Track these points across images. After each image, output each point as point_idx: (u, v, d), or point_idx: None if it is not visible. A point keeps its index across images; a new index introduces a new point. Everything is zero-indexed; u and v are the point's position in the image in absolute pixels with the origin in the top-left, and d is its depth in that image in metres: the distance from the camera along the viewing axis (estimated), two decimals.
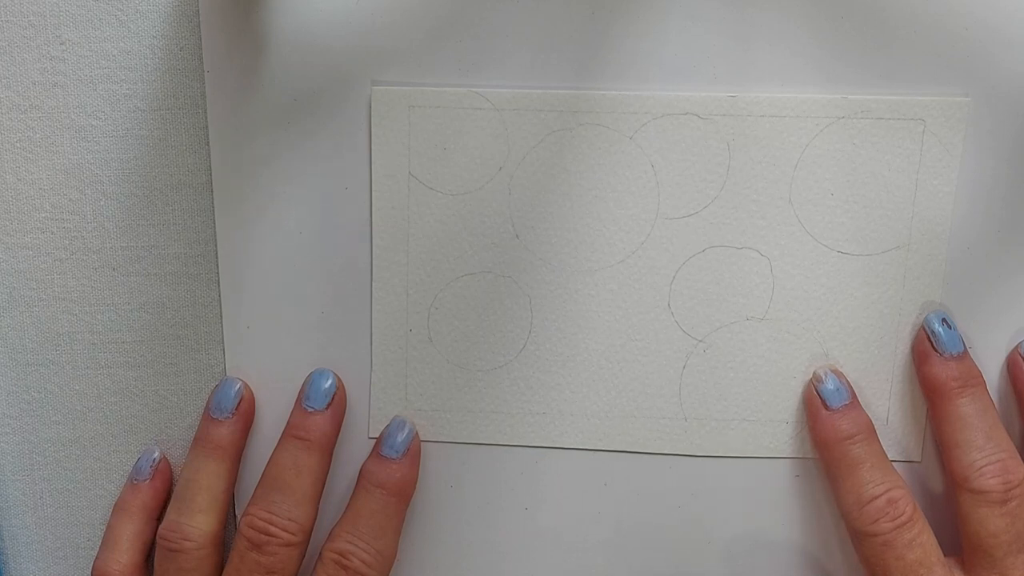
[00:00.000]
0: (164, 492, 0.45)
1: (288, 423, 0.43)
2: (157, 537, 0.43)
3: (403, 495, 0.43)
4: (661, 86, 0.41)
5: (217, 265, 0.43)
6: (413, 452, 0.43)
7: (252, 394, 0.44)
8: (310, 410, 0.43)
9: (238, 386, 0.43)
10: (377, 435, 0.44)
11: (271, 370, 0.44)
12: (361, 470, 0.43)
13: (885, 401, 0.43)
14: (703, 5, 0.40)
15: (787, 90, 0.41)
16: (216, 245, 0.43)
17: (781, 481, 0.44)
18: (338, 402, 0.43)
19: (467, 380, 0.44)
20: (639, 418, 0.44)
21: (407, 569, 0.45)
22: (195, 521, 0.42)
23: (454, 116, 0.41)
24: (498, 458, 0.44)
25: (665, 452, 0.44)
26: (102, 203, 0.43)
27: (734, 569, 0.45)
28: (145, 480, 0.44)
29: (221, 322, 0.44)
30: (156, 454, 0.45)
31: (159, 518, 0.44)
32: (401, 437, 0.43)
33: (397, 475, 0.42)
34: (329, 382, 0.43)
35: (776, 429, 0.43)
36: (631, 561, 0.45)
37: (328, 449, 0.43)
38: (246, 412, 0.44)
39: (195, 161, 0.43)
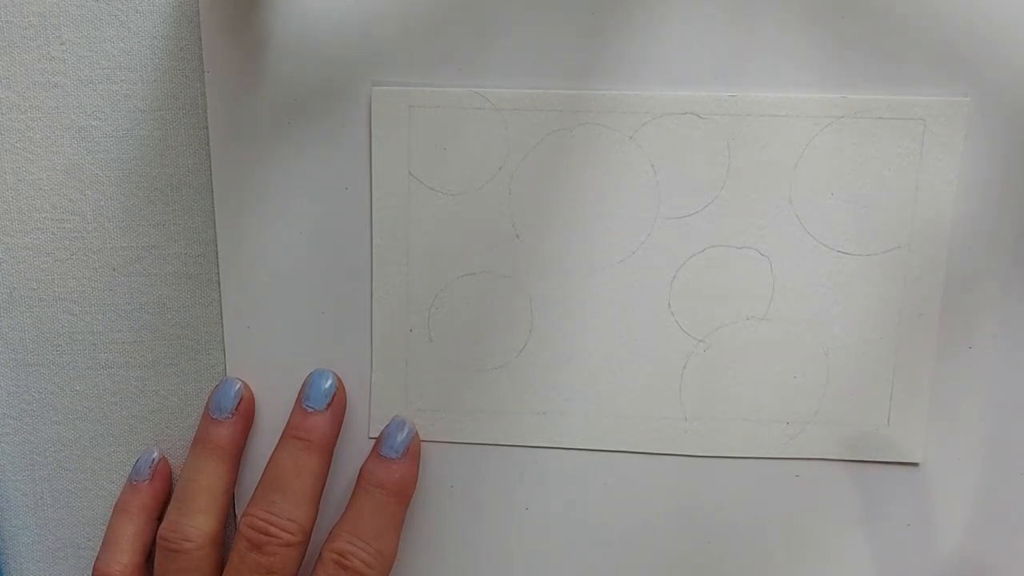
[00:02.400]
0: (164, 492, 0.44)
1: (288, 423, 0.43)
2: (157, 537, 0.42)
3: (403, 495, 0.42)
4: (661, 86, 0.41)
5: (217, 265, 0.43)
6: (413, 452, 0.43)
7: (252, 394, 0.44)
8: (310, 410, 0.43)
9: (238, 386, 0.43)
10: (377, 435, 0.44)
11: (271, 370, 0.44)
12: (361, 470, 0.43)
13: (886, 402, 0.43)
14: (703, 5, 0.40)
15: (787, 90, 0.40)
16: (216, 245, 0.43)
17: (781, 481, 0.44)
18: (338, 402, 0.43)
19: (467, 380, 0.43)
20: (639, 418, 0.43)
21: (407, 569, 0.45)
22: (195, 521, 0.42)
23: (454, 116, 0.41)
24: (498, 458, 0.44)
25: (665, 452, 0.44)
26: (102, 203, 0.43)
27: (734, 569, 0.44)
28: (144, 480, 0.44)
29: (221, 322, 0.44)
30: (155, 455, 0.45)
31: (159, 518, 0.44)
32: (401, 437, 0.43)
33: (397, 475, 0.42)
34: (329, 382, 0.43)
35: (776, 429, 0.43)
36: (631, 561, 0.45)
37: (328, 449, 0.43)
38: (246, 412, 0.43)
39: (195, 161, 0.42)
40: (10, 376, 0.45)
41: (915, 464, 0.43)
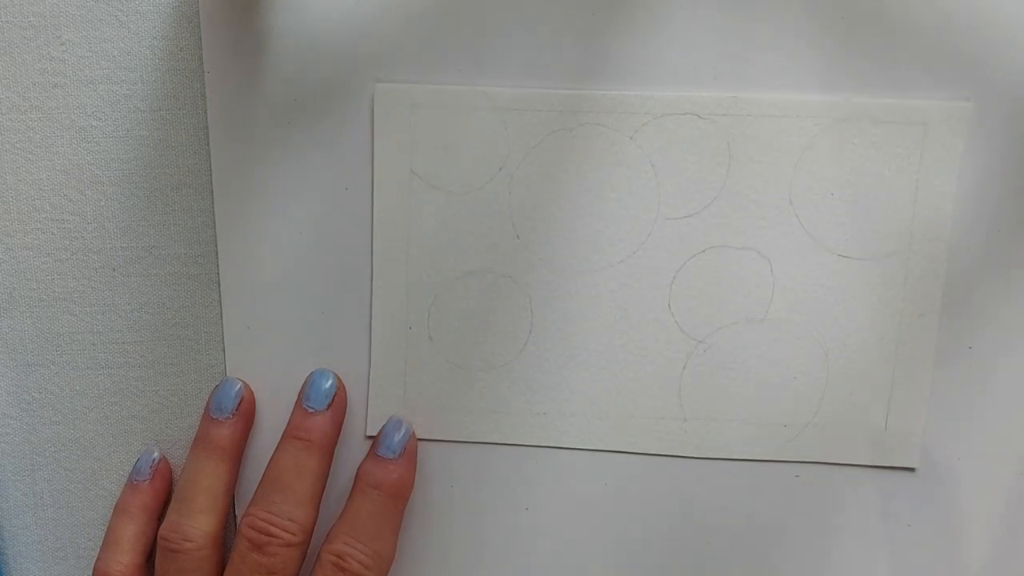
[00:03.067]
0: (164, 492, 0.44)
1: (288, 423, 0.43)
2: (158, 538, 0.42)
3: (400, 496, 0.42)
4: (662, 86, 0.41)
5: (217, 265, 0.43)
6: (410, 452, 0.43)
7: (252, 394, 0.44)
8: (311, 410, 0.42)
9: (238, 386, 0.43)
10: (376, 434, 0.43)
11: (271, 370, 0.43)
12: (358, 471, 0.42)
13: (884, 406, 0.42)
14: (704, 5, 0.40)
15: (788, 91, 0.40)
16: (216, 245, 0.43)
17: (780, 482, 0.43)
18: (339, 402, 0.43)
19: (467, 379, 0.43)
20: (639, 418, 0.43)
21: (407, 569, 0.45)
22: (196, 522, 0.41)
23: (456, 115, 0.41)
24: (498, 458, 0.44)
25: (664, 453, 0.43)
26: (102, 203, 0.43)
27: (733, 570, 0.44)
28: (145, 480, 0.44)
29: (221, 322, 0.44)
30: (155, 454, 0.44)
31: (160, 518, 0.44)
32: (398, 437, 0.43)
33: (394, 476, 0.42)
34: (329, 382, 0.43)
35: (775, 431, 0.43)
36: (631, 561, 0.44)
37: (329, 450, 0.42)
38: (246, 412, 0.43)
39: (195, 161, 0.42)
40: (10, 376, 0.44)
41: (912, 469, 0.43)
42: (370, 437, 0.44)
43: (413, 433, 0.43)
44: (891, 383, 0.42)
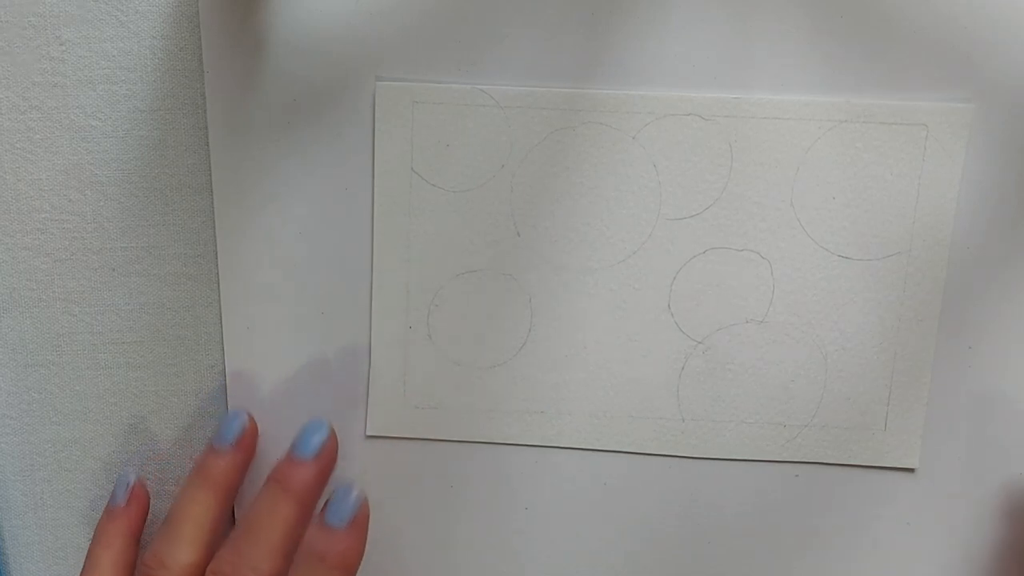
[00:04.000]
0: (141, 516, 0.43)
1: (275, 467, 0.40)
2: (139, 563, 0.40)
3: (347, 569, 0.39)
4: (664, 87, 0.40)
5: (217, 266, 0.43)
6: (360, 522, 0.39)
7: (256, 428, 0.43)
8: (296, 459, 0.40)
9: (241, 418, 0.42)
10: (375, 433, 0.43)
11: (271, 371, 0.43)
12: (304, 538, 0.39)
13: (883, 407, 0.42)
14: (706, 6, 0.39)
15: (790, 93, 0.40)
16: (216, 245, 0.43)
17: (778, 483, 0.43)
18: (327, 454, 0.41)
19: (466, 378, 0.43)
20: (637, 419, 0.43)
21: (407, 569, 0.45)
22: (178, 551, 0.39)
23: (457, 113, 0.41)
24: (498, 457, 0.44)
25: (663, 453, 0.43)
26: (102, 203, 0.42)
27: (731, 570, 0.44)
28: (120, 506, 0.43)
29: (221, 323, 0.43)
30: (131, 478, 0.43)
31: (139, 541, 0.43)
32: (347, 504, 0.39)
33: (340, 547, 0.39)
34: (319, 435, 0.41)
35: (774, 432, 0.43)
36: (630, 561, 0.44)
37: (308, 501, 0.40)
38: (246, 446, 0.42)
39: (195, 161, 0.42)
40: (10, 376, 0.44)
41: (911, 470, 0.43)
42: (371, 437, 0.44)
43: (365, 500, 0.40)
44: (890, 384, 0.42)
